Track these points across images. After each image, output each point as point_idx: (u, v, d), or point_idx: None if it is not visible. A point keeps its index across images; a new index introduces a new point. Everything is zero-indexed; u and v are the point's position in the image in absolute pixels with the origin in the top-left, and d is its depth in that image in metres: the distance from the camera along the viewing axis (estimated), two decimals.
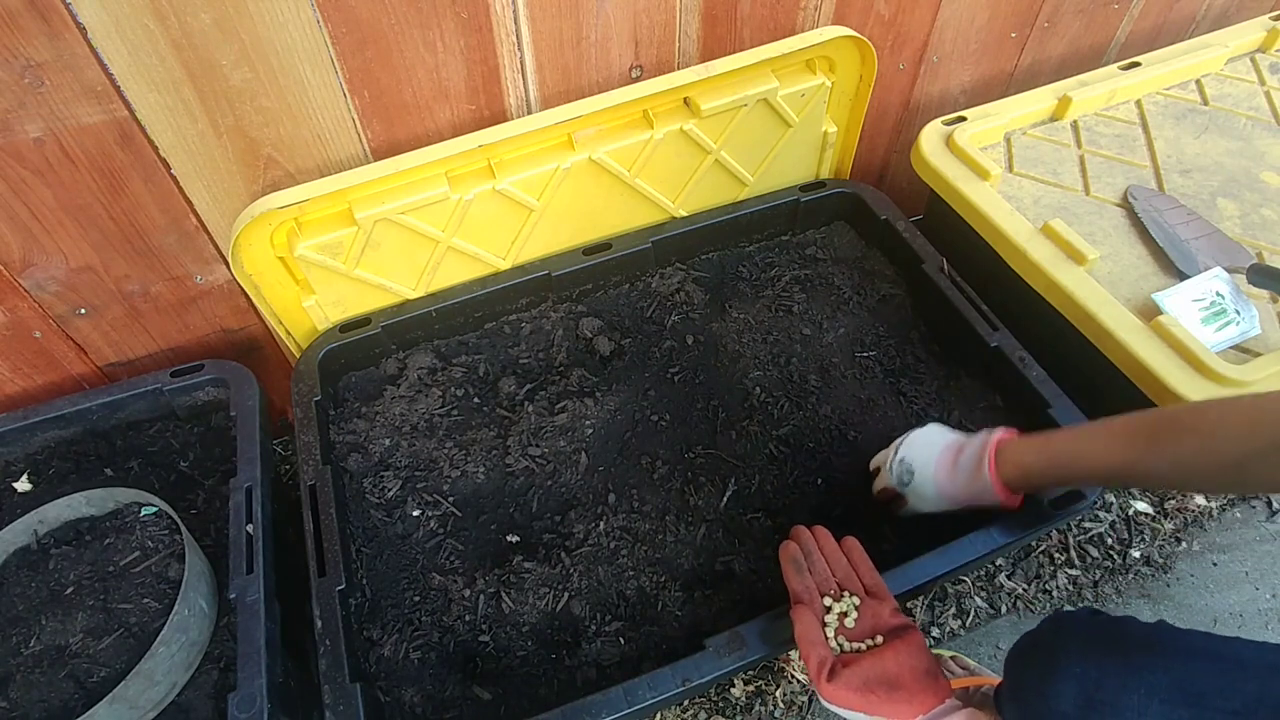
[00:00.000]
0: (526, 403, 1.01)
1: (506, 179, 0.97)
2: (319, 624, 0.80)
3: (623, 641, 0.83)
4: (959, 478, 0.80)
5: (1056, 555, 1.18)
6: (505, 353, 1.08)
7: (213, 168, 0.88)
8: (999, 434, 0.80)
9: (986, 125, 1.16)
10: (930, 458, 0.83)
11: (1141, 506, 1.24)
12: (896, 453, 0.86)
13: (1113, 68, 1.24)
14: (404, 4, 0.83)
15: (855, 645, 0.73)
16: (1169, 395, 0.87)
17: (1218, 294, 0.94)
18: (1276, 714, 0.54)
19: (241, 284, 0.94)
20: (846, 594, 0.76)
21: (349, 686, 0.76)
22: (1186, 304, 0.94)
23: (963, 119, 1.17)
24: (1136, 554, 1.19)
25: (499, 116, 0.98)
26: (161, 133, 0.83)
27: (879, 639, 0.73)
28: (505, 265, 1.09)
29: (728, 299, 1.12)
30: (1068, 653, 0.62)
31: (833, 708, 0.71)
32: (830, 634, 0.74)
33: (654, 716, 1.03)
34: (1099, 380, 0.95)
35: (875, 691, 0.69)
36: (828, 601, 0.76)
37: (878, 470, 0.91)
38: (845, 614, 0.75)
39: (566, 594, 0.86)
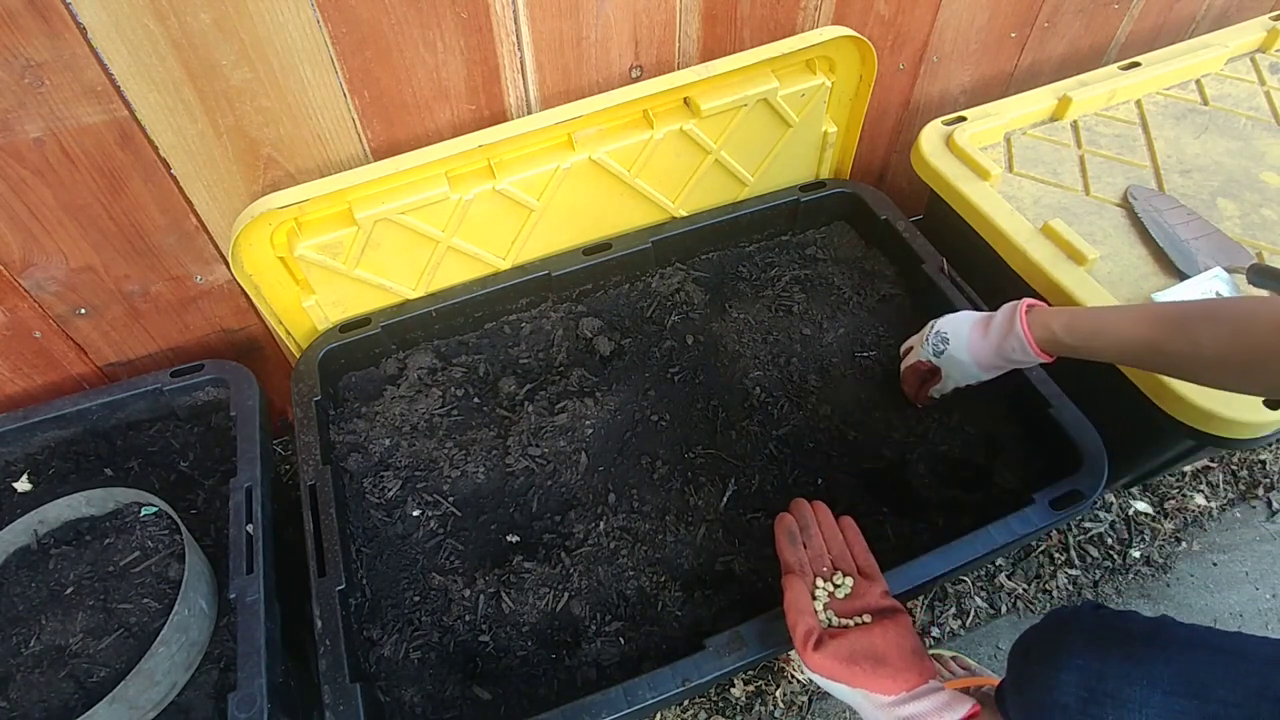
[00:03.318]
0: (526, 403, 1.01)
1: (506, 179, 0.97)
2: (319, 624, 0.80)
3: (623, 641, 0.83)
4: (991, 337, 0.85)
5: (1056, 555, 1.18)
6: (505, 353, 1.08)
7: (213, 168, 0.88)
8: (1027, 300, 0.84)
9: (986, 125, 1.16)
10: (964, 324, 0.89)
11: (1141, 506, 1.24)
12: (931, 328, 0.92)
13: (1113, 68, 1.25)
14: (404, 4, 0.83)
15: (843, 621, 0.74)
16: (1168, 395, 0.87)
17: (1218, 294, 0.94)
18: (1278, 706, 0.54)
19: (241, 284, 0.94)
20: (839, 572, 0.77)
21: (349, 686, 0.76)
22: None
23: (963, 119, 1.17)
24: (1136, 554, 1.19)
25: (499, 116, 0.98)
26: (161, 133, 0.83)
27: (868, 618, 0.73)
28: (505, 265, 1.09)
29: (728, 299, 1.12)
30: (1070, 645, 0.62)
31: (815, 678, 0.71)
32: (819, 607, 0.74)
33: (654, 716, 1.03)
34: (1099, 380, 0.95)
35: (860, 664, 0.69)
36: (819, 580, 0.76)
37: (907, 353, 0.97)
38: (837, 587, 0.76)
39: (566, 594, 0.86)
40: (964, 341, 0.88)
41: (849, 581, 0.76)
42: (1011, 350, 0.83)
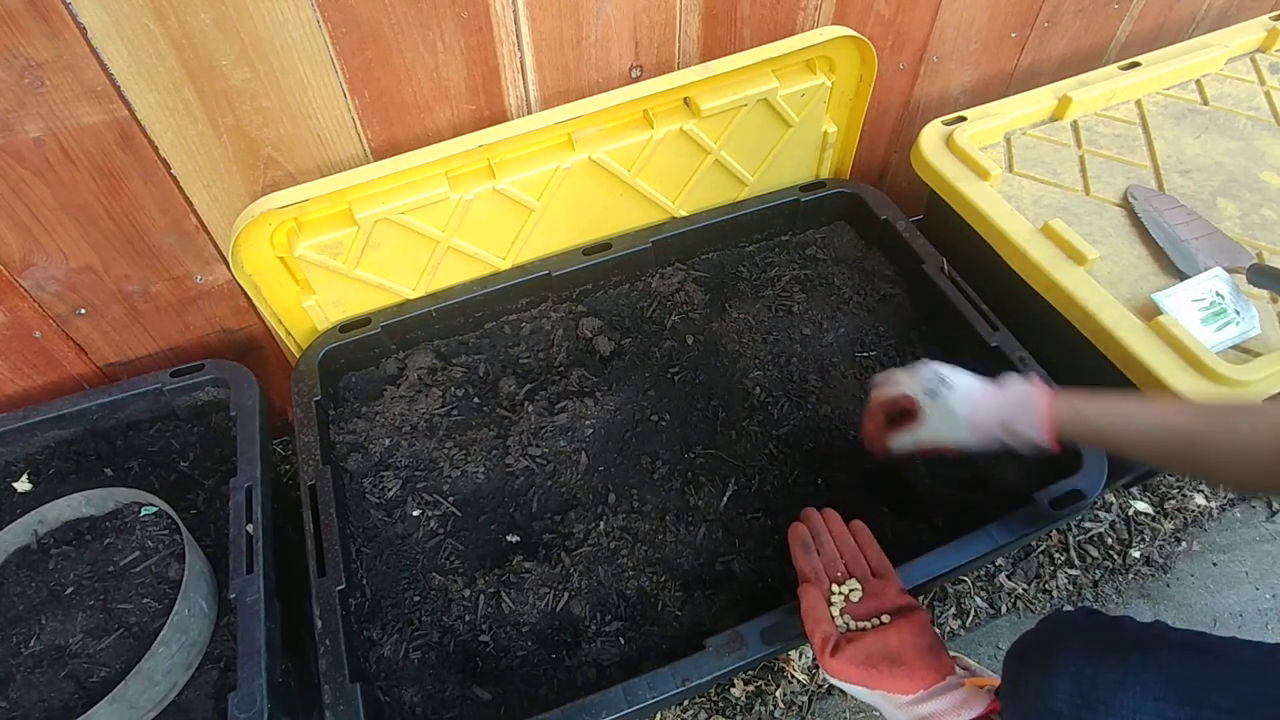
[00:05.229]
0: (526, 403, 1.01)
1: (506, 179, 0.97)
2: (319, 624, 0.80)
3: (623, 641, 0.83)
4: (1003, 400, 0.77)
5: (1056, 555, 1.18)
6: (505, 353, 1.08)
7: (213, 168, 0.88)
8: (1037, 379, 0.78)
9: (986, 125, 1.16)
10: (968, 375, 0.81)
11: (1141, 506, 1.24)
12: (927, 364, 0.83)
13: (1113, 68, 1.24)
14: (404, 4, 0.83)
15: (860, 624, 0.74)
16: (1169, 395, 0.87)
17: (1217, 294, 0.94)
18: (1272, 711, 0.54)
19: (241, 284, 0.94)
20: (853, 578, 0.78)
21: (349, 686, 0.76)
22: (1186, 304, 0.94)
23: (963, 119, 1.17)
24: (1136, 554, 1.19)
25: (499, 116, 0.98)
26: (161, 133, 0.83)
27: (885, 618, 0.74)
28: (505, 265, 1.09)
29: (728, 299, 1.12)
30: (1064, 652, 0.62)
31: (835, 681, 0.72)
32: (836, 612, 0.75)
33: (654, 716, 1.03)
34: (1099, 380, 0.95)
35: (877, 666, 0.70)
36: (834, 585, 0.77)
37: (882, 385, 0.87)
38: (852, 591, 0.76)
39: (566, 594, 0.86)
40: (969, 393, 0.79)
41: (860, 585, 0.77)
42: (1018, 422, 0.75)
